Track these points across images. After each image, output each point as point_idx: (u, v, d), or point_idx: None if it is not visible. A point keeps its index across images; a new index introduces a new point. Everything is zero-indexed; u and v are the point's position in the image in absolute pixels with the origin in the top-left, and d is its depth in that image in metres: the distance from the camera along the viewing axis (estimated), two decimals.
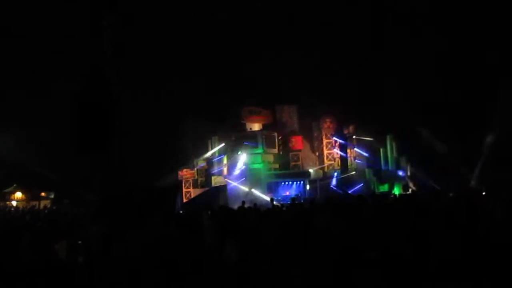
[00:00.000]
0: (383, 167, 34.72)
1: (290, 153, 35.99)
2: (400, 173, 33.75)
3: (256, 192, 32.70)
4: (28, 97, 37.94)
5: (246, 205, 15.53)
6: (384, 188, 33.37)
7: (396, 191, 31.84)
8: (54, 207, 35.49)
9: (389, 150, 34.76)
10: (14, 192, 41.06)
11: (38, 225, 17.24)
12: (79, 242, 13.22)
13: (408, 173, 33.92)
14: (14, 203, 39.12)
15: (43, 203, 39.33)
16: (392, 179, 33.55)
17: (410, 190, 31.11)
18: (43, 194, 42.86)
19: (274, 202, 18.59)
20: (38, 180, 40.93)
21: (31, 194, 41.45)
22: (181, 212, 17.32)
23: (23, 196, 40.92)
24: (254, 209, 13.90)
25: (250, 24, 41.28)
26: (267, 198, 31.13)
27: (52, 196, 42.86)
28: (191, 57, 41.61)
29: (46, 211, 29.63)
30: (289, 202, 22.37)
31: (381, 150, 35.07)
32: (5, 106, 39.45)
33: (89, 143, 16.49)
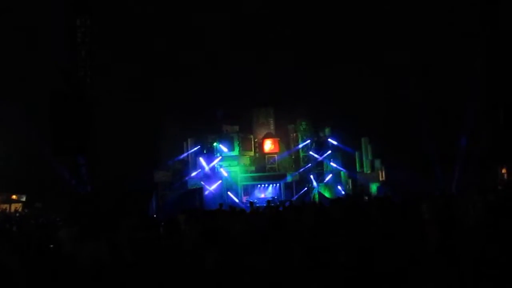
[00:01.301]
0: (358, 169, 35.07)
1: (266, 156, 36.02)
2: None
3: (232, 195, 32.66)
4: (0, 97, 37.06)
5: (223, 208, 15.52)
6: (359, 190, 33.74)
7: (372, 193, 32.21)
8: (26, 211, 34.81)
9: (364, 153, 35.12)
10: None
11: (9, 229, 16.88)
12: (51, 246, 13.01)
13: (383, 176, 34.30)
14: None
15: (14, 206, 38.48)
16: (367, 181, 33.91)
17: (383, 193, 31.47)
18: (14, 197, 41.90)
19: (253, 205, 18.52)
20: (9, 182, 39.97)
21: (2, 197, 40.44)
22: (154, 216, 17.13)
23: None
24: (231, 212, 13.87)
25: (226, 25, 41.25)
26: (243, 200, 31.25)
27: (23, 199, 41.93)
28: (168, 57, 41.31)
29: (17, 214, 29.04)
30: (264, 205, 22.46)
31: (357, 153, 35.41)
32: None
33: (66, 146, 16.27)
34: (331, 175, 34.16)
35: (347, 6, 39.63)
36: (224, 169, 34.05)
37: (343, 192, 32.69)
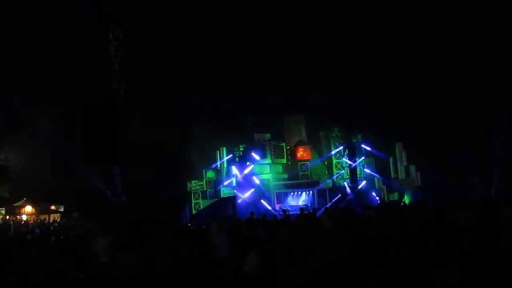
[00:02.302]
0: (392, 175, 34.44)
1: (299, 163, 35.81)
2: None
3: (265, 202, 32.56)
4: (36, 111, 38.19)
5: (255, 216, 15.46)
6: (394, 196, 33.09)
7: (406, 199, 31.53)
8: (64, 221, 35.62)
9: (398, 158, 34.49)
10: (23, 206, 41.14)
11: (48, 239, 17.31)
12: (88, 255, 13.25)
13: (419, 182, 33.57)
14: (24, 217, 39.19)
15: (52, 217, 39.44)
16: (402, 187, 33.25)
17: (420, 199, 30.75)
18: (52, 207, 42.96)
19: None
20: (47, 193, 41.09)
21: (41, 207, 41.50)
22: (189, 224, 17.22)
23: (33, 210, 40.98)
24: (263, 220, 13.82)
25: (257, 36, 41.49)
26: (277, 208, 31.09)
27: (61, 210, 42.94)
28: (199, 68, 41.80)
29: (56, 224, 29.74)
30: (298, 212, 22.27)
31: (391, 158, 34.82)
32: (14, 120, 39.79)
33: (98, 156, 16.57)
34: (364, 181, 33.60)
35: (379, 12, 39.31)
36: (256, 177, 33.99)
37: (377, 199, 32.08)
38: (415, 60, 34.86)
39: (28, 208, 40.96)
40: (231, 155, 35.82)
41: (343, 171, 34.48)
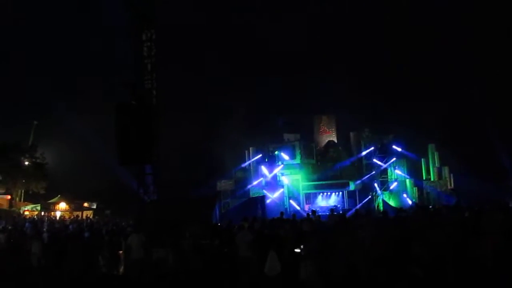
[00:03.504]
0: (424, 177, 33.84)
1: (328, 164, 35.55)
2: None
3: (294, 203, 32.46)
4: (72, 111, 39.19)
5: (285, 216, 15.43)
6: (425, 198, 32.52)
7: (439, 202, 30.93)
8: (96, 217, 36.36)
9: (431, 160, 33.87)
10: (58, 203, 42.22)
11: (82, 235, 17.71)
12: (120, 252, 13.51)
13: (452, 184, 32.90)
14: (58, 213, 40.21)
15: (85, 214, 40.33)
16: (434, 190, 32.66)
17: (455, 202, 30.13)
18: (85, 204, 43.95)
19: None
20: (81, 191, 42.06)
21: (74, 204, 42.50)
22: (218, 223, 17.28)
23: (67, 206, 41.99)
24: (293, 220, 13.78)
25: (292, 38, 41.48)
26: (306, 209, 30.95)
27: (94, 207, 43.88)
28: (229, 68, 42.09)
29: (88, 221, 30.38)
30: (327, 213, 22.10)
31: (423, 160, 34.22)
32: (50, 119, 40.88)
33: (131, 155, 16.89)
34: (395, 183, 33.04)
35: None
36: (285, 177, 33.91)
37: (408, 201, 31.54)
38: (448, 60, 34.27)
39: (63, 205, 42.01)
40: (261, 155, 35.81)
41: (373, 172, 33.96)
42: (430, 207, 25.39)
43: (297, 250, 9.48)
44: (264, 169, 34.74)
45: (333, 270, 8.27)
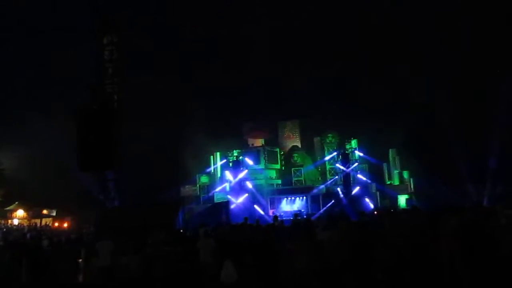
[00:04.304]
0: (386, 181, 34.50)
1: (293, 169, 35.81)
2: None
3: (258, 208, 32.49)
4: (29, 115, 38.03)
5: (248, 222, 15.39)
6: (386, 203, 33.10)
7: (401, 205, 31.59)
8: (56, 225, 35.40)
9: (392, 164, 34.58)
10: (15, 210, 40.89)
11: (41, 244, 17.17)
12: (79, 260, 13.16)
13: (412, 188, 33.66)
14: (15, 221, 38.93)
15: (44, 221, 39.20)
16: (396, 194, 33.32)
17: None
18: (44, 211, 42.71)
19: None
20: (39, 198, 40.82)
21: (33, 212, 41.24)
22: (181, 230, 17.11)
23: (25, 214, 40.73)
24: (256, 226, 13.77)
25: (252, 39, 41.60)
26: (270, 214, 31.02)
27: (54, 214, 42.68)
28: (193, 73, 41.83)
29: (48, 229, 29.55)
30: (291, 218, 22.18)
31: (384, 164, 34.88)
32: (7, 124, 39.57)
33: (92, 161, 16.50)
34: (358, 187, 33.53)
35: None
36: (250, 182, 33.93)
37: (371, 205, 32.08)
38: (413, 65, 35.10)
39: (20, 212, 40.73)
40: (225, 160, 35.73)
41: (337, 177, 34.44)
42: (392, 210, 25.88)
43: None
44: (228, 174, 34.68)
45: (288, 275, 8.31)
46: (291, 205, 34.02)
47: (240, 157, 35.05)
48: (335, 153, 34.80)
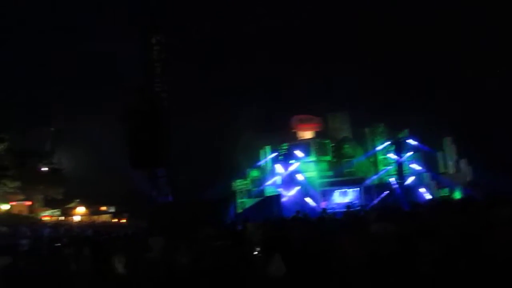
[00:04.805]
0: (441, 170, 33.36)
1: (344, 160, 35.31)
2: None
3: (310, 201, 32.30)
4: (85, 116, 39.55)
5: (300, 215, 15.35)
6: (444, 192, 32.02)
7: (457, 195, 30.48)
8: (113, 221, 36.70)
9: (448, 153, 33.39)
10: (76, 207, 42.77)
11: (99, 239, 17.88)
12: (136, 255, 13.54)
13: (470, 177, 32.37)
14: (76, 218, 40.70)
15: (103, 218, 40.77)
16: (452, 183, 32.14)
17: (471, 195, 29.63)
18: (103, 208, 44.42)
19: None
20: (98, 195, 42.49)
21: (92, 209, 43.01)
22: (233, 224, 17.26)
23: (85, 211, 42.50)
24: (305, 219, 13.69)
25: (299, 34, 41.28)
26: (322, 206, 30.76)
27: (112, 210, 44.32)
28: (241, 68, 42.04)
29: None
30: (343, 210, 21.92)
31: (439, 153, 33.73)
32: (66, 126, 41.36)
33: (143, 159, 16.97)
34: (412, 177, 32.63)
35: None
36: (301, 175, 33.75)
37: (426, 195, 31.14)
38: (467, 52, 33.72)
39: (81, 209, 42.55)
40: (275, 154, 35.69)
41: (389, 167, 33.55)
42: (447, 200, 25.04)
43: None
44: (279, 168, 34.64)
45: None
46: (343, 197, 33.57)
47: (290, 150, 34.89)
48: (387, 143, 33.91)
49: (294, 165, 34.18)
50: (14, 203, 42.43)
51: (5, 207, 40.94)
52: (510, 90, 31.15)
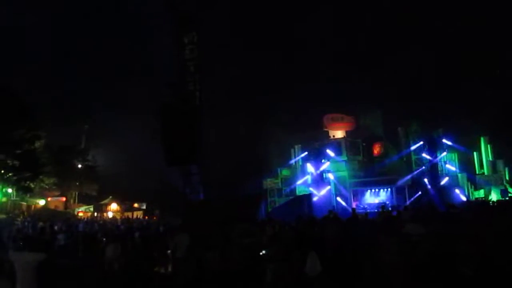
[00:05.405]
0: (477, 171, 32.48)
1: (376, 159, 34.82)
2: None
3: (341, 200, 32.04)
4: (119, 113, 40.24)
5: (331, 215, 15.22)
6: (480, 194, 31.20)
7: (494, 197, 29.67)
8: (146, 218, 37.23)
9: (484, 153, 32.50)
10: (109, 204, 43.58)
11: (132, 235, 18.17)
12: (168, 251, 13.70)
13: (507, 177, 31.45)
14: (110, 214, 41.45)
15: (135, 214, 41.39)
16: (489, 184, 31.29)
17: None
18: (136, 205, 45.15)
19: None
20: (130, 191, 43.22)
21: (125, 205, 43.75)
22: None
23: (118, 207, 43.26)
24: (337, 219, 13.56)
25: (326, 35, 41.01)
26: (353, 206, 30.44)
27: (144, 207, 44.99)
28: (273, 68, 42.04)
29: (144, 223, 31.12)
30: (376, 210, 21.64)
31: (475, 153, 32.87)
32: (100, 123, 42.14)
33: (177, 156, 17.14)
34: (447, 178, 31.86)
35: None
36: (332, 174, 33.50)
37: (461, 196, 30.40)
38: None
39: (114, 206, 43.35)
40: (306, 153, 35.52)
41: (423, 167, 32.76)
42: (483, 202, 24.45)
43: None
44: (310, 167, 34.48)
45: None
46: (375, 197, 33.18)
47: (322, 149, 34.66)
48: (421, 142, 33.11)
49: (325, 165, 33.98)
50: (50, 198, 43.65)
51: (42, 202, 42.17)
52: None
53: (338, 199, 32.45)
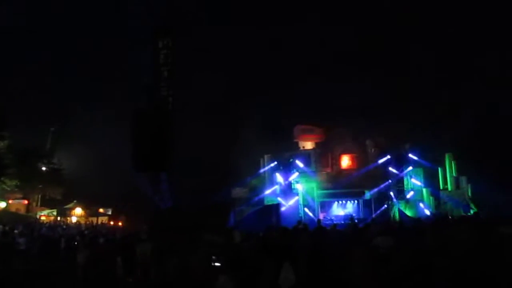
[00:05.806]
0: (441, 187, 33.28)
1: (344, 172, 35.22)
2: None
3: (308, 211, 32.25)
4: (87, 117, 39.54)
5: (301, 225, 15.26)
6: (444, 208, 31.95)
7: (457, 212, 30.42)
8: (112, 223, 36.56)
9: (448, 169, 33.35)
10: (74, 208, 42.60)
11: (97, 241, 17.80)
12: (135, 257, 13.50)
13: (469, 194, 32.32)
14: (74, 218, 40.52)
15: (100, 220, 40.58)
16: (451, 200, 32.10)
17: (471, 212, 29.53)
18: (101, 210, 44.28)
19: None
20: (96, 197, 42.38)
21: (90, 210, 42.83)
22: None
23: (83, 212, 42.33)
24: (305, 230, 13.61)
25: (301, 44, 41.45)
26: (320, 217, 30.68)
27: (109, 213, 44.17)
28: (245, 76, 42.13)
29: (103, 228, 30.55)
30: (342, 222, 21.85)
31: (439, 169, 33.67)
32: (66, 125, 41.30)
33: (147, 162, 16.92)
34: (412, 192, 32.52)
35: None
36: (300, 185, 33.69)
37: (426, 211, 31.06)
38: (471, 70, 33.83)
39: (78, 211, 42.39)
40: (276, 163, 35.61)
41: (390, 181, 33.36)
42: (450, 217, 25.01)
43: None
44: (279, 177, 34.59)
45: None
46: (342, 209, 33.54)
47: (291, 160, 34.85)
48: (387, 157, 33.74)
49: (294, 175, 34.15)
50: (11, 201, 42.32)
51: (2, 205, 40.81)
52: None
53: (306, 210, 32.62)
